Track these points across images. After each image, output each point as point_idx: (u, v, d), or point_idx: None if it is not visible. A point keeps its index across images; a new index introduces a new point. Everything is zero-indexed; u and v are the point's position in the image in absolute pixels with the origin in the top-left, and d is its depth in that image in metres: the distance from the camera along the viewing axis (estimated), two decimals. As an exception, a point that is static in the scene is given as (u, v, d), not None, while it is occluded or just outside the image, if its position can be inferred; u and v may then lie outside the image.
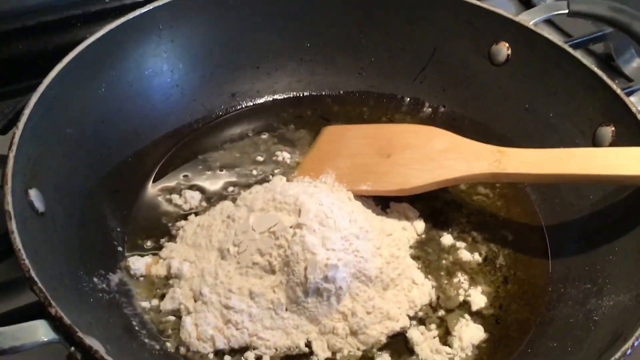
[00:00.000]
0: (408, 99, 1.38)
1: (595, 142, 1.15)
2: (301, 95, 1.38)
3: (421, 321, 1.03)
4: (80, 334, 0.77)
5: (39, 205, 0.94)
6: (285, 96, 1.38)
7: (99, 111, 1.14)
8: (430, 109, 1.37)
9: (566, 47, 1.22)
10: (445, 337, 1.01)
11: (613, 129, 1.12)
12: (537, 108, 1.26)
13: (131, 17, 1.17)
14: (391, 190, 1.11)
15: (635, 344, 0.84)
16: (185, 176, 1.21)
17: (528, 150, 1.08)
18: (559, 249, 1.14)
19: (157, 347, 0.97)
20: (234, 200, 1.14)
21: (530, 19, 1.27)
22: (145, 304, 1.02)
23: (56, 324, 0.78)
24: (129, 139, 1.19)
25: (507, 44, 1.28)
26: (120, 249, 1.08)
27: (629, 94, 1.13)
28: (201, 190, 1.19)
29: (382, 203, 1.15)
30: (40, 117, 1.00)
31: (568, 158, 1.03)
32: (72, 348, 0.78)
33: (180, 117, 1.28)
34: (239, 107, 1.34)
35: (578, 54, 1.20)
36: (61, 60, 1.06)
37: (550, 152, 1.06)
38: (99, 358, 0.76)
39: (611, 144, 1.13)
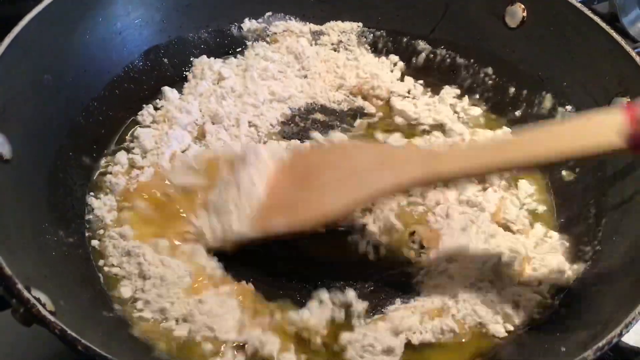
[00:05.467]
0: (415, 61, 1.30)
1: (609, 113, 1.07)
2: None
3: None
4: (20, 285, 0.73)
5: (4, 151, 0.90)
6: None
7: (82, 59, 1.09)
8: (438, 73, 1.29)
9: (586, 10, 1.13)
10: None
11: (628, 99, 1.03)
12: (551, 75, 1.17)
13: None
14: (305, 223, 0.94)
15: (623, 332, 0.77)
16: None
17: (460, 146, 1.00)
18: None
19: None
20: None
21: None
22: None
23: (-3, 274, 0.75)
24: (113, 91, 1.14)
25: (522, 5, 1.19)
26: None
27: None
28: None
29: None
30: (15, 59, 0.95)
31: (502, 147, 0.89)
32: (13, 300, 0.74)
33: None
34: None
35: (598, 19, 1.11)
36: (40, 3, 1.01)
37: (485, 144, 0.95)
38: (35, 313, 0.71)
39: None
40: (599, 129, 0.79)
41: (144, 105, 1.17)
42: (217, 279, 0.95)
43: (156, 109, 1.17)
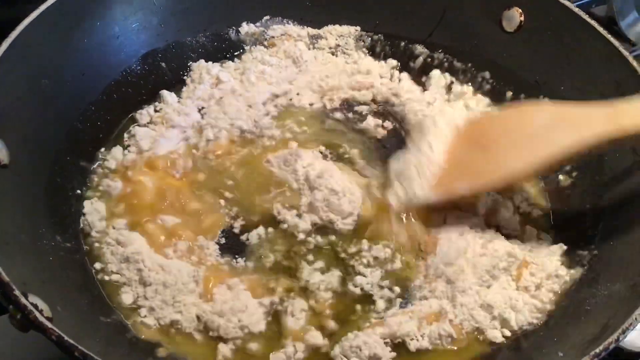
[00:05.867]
0: (412, 64, 1.30)
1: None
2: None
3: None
4: (17, 291, 0.73)
5: (2, 156, 0.90)
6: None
7: (80, 63, 1.09)
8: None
9: (583, 14, 1.13)
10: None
11: (626, 104, 1.04)
12: (548, 80, 1.17)
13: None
14: (490, 184, 1.02)
15: (620, 338, 0.77)
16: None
17: None
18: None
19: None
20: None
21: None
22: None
23: (-6, 280, 0.75)
24: (111, 95, 1.14)
25: (520, 10, 1.19)
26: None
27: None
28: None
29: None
30: (13, 63, 0.96)
31: None
32: (10, 306, 0.74)
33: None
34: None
35: (595, 23, 1.11)
36: (38, 7, 1.01)
37: None
38: (32, 319, 0.71)
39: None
40: None
41: (144, 106, 1.17)
42: (224, 274, 0.97)
43: (155, 111, 1.17)
